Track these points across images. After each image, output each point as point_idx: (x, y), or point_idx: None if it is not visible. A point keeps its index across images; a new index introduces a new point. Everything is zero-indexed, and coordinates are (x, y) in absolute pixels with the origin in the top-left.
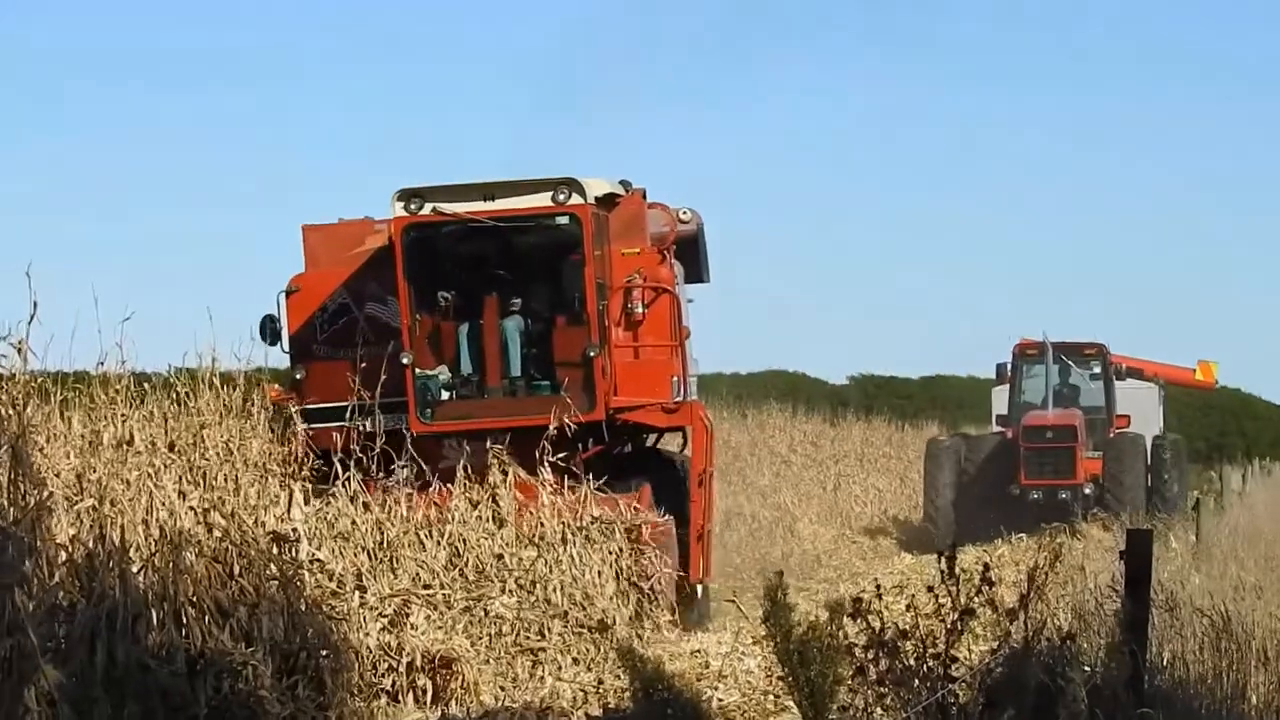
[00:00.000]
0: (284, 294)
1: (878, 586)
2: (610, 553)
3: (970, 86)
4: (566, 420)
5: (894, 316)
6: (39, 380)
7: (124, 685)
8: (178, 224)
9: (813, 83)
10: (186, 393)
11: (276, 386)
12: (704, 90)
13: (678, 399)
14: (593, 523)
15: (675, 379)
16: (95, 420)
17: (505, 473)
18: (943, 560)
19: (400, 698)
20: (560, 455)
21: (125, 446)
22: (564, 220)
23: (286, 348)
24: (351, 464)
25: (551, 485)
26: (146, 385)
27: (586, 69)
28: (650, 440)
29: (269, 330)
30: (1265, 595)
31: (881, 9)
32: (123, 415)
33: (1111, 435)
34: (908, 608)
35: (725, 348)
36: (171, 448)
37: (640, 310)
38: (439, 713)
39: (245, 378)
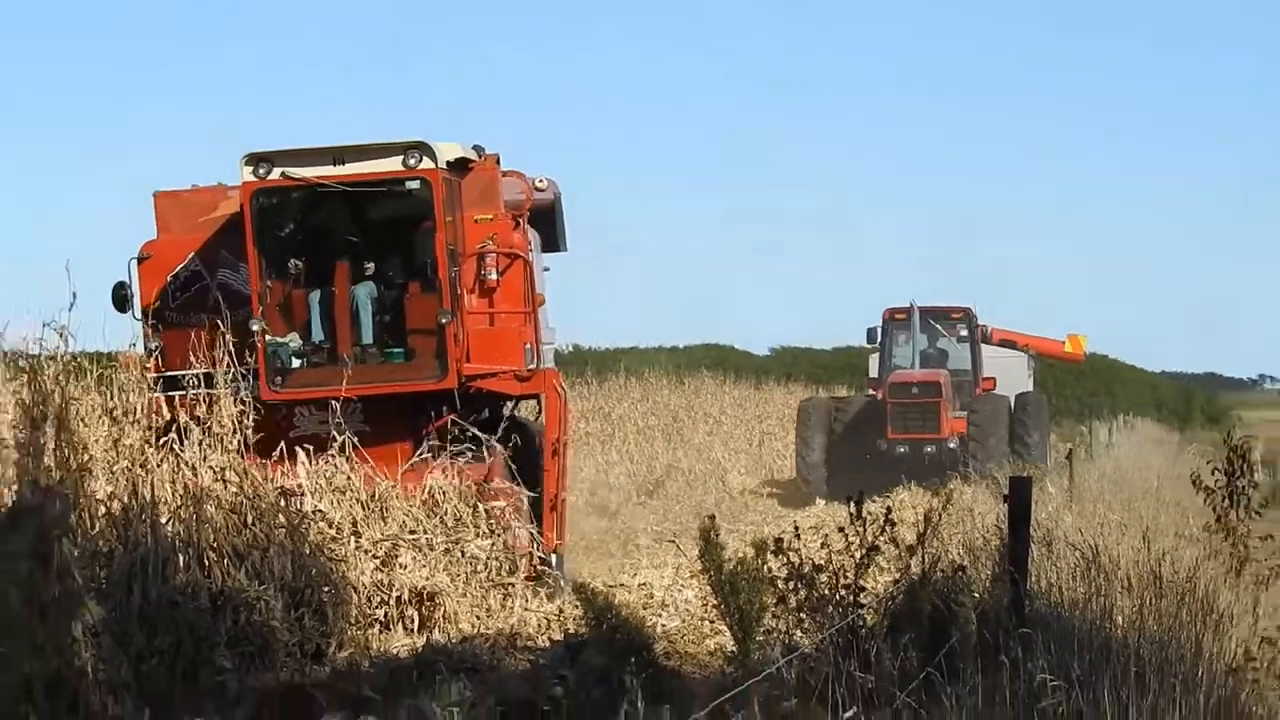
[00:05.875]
0: (136, 260)
1: (796, 528)
2: None
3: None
4: (418, 388)
5: (809, 293)
6: (78, 360)
7: (156, 619)
8: None
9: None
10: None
11: (127, 353)
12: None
13: (531, 367)
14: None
15: (528, 346)
16: (128, 395)
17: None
18: (851, 505)
19: (391, 626)
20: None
21: (154, 416)
22: (415, 185)
23: (138, 315)
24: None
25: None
26: None
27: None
28: (507, 408)
29: (120, 296)
30: (1128, 532)
31: None
32: (153, 390)
33: (978, 395)
34: (822, 545)
35: (663, 322)
36: (192, 414)
37: (494, 277)
38: (425, 639)
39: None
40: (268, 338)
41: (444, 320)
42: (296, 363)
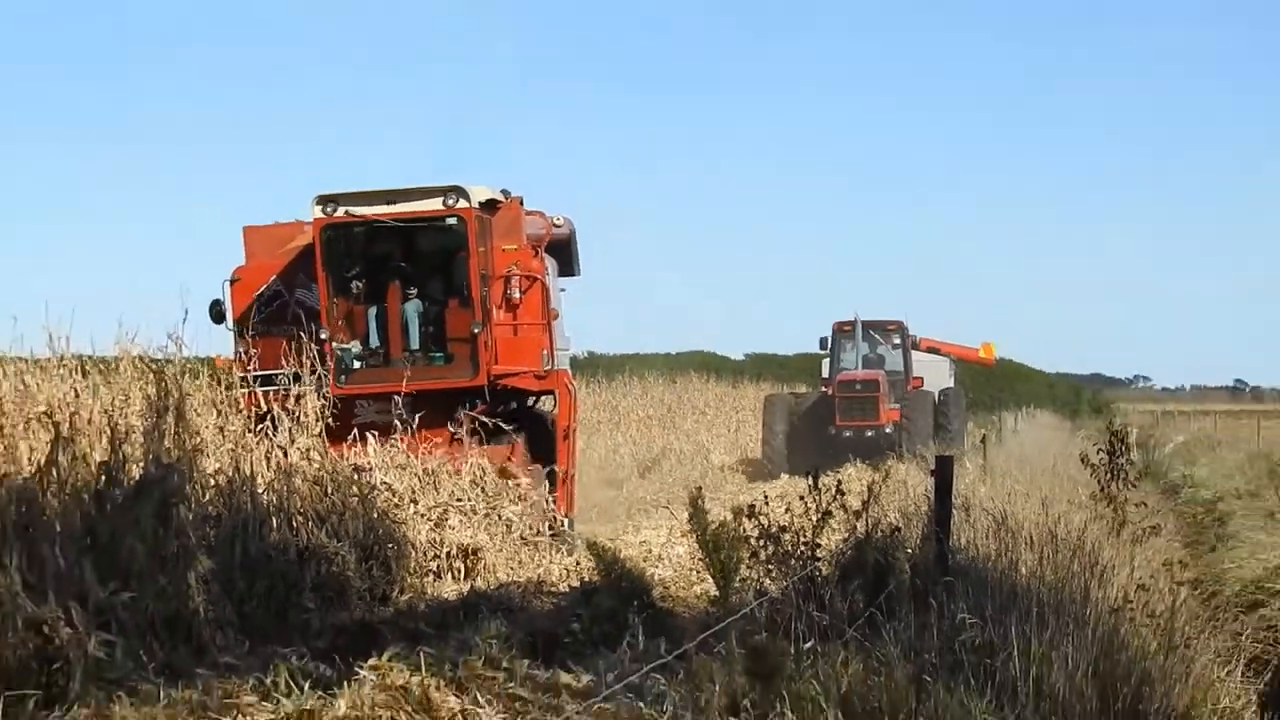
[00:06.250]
0: (228, 282)
1: (765, 497)
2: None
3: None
4: (455, 384)
5: (777, 308)
6: (190, 363)
7: (254, 569)
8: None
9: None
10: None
11: (222, 357)
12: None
13: (547, 368)
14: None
15: (545, 351)
16: (231, 390)
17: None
18: (809, 478)
19: (442, 575)
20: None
21: (251, 407)
22: (453, 221)
23: (230, 326)
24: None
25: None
26: None
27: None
28: (530, 402)
29: (216, 312)
30: (1030, 500)
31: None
32: (249, 387)
33: (909, 391)
34: (786, 510)
35: (661, 332)
36: (282, 405)
37: (517, 296)
38: (469, 585)
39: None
40: (334, 344)
41: (476, 330)
42: (358, 364)
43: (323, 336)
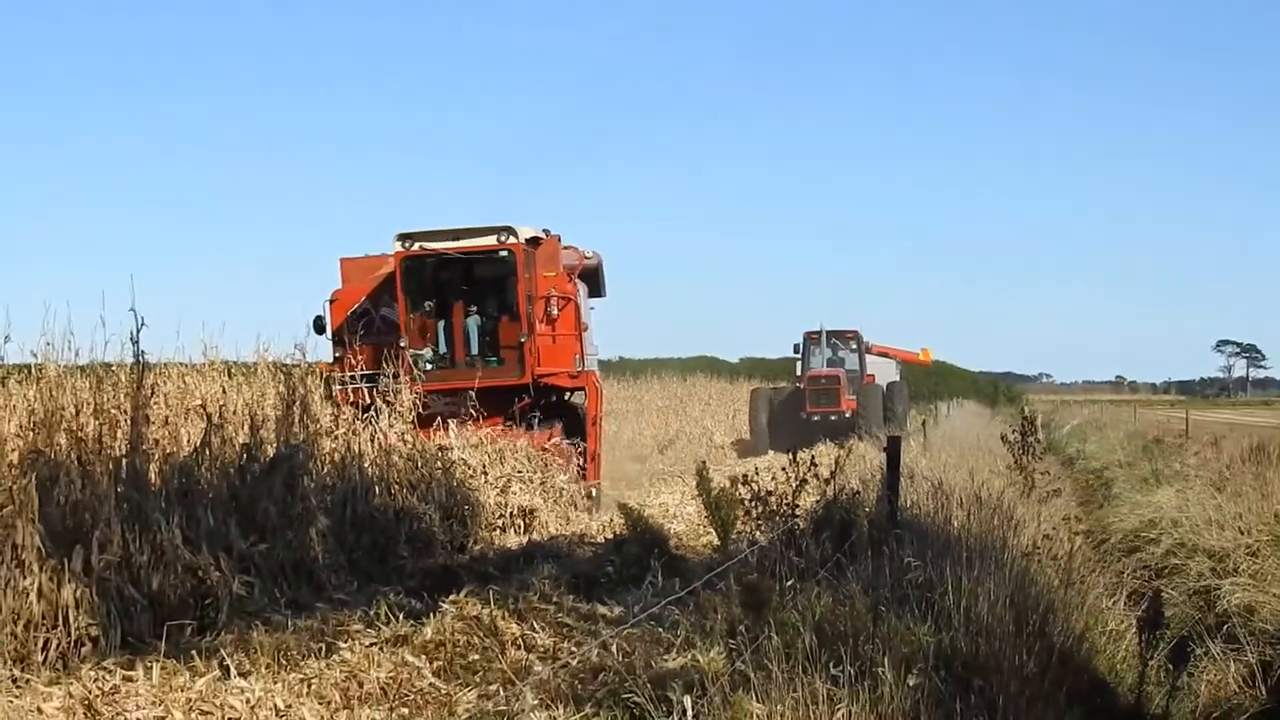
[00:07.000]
0: (328, 302)
1: (755, 468)
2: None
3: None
4: (506, 382)
5: (764, 321)
6: (312, 366)
7: (361, 526)
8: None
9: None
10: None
11: (324, 362)
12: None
13: (579, 369)
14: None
15: (577, 356)
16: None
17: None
18: (790, 454)
19: (506, 530)
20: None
21: (358, 400)
22: (505, 254)
23: (329, 336)
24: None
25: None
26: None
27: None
28: (566, 396)
29: (319, 325)
30: (960, 469)
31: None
32: (356, 385)
33: (863, 385)
34: (771, 479)
35: (675, 341)
36: (383, 398)
37: (555, 312)
38: (527, 538)
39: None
40: (410, 351)
41: (523, 339)
42: (429, 367)
43: (402, 345)
